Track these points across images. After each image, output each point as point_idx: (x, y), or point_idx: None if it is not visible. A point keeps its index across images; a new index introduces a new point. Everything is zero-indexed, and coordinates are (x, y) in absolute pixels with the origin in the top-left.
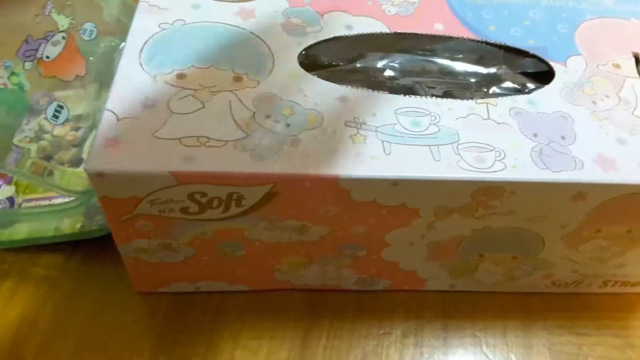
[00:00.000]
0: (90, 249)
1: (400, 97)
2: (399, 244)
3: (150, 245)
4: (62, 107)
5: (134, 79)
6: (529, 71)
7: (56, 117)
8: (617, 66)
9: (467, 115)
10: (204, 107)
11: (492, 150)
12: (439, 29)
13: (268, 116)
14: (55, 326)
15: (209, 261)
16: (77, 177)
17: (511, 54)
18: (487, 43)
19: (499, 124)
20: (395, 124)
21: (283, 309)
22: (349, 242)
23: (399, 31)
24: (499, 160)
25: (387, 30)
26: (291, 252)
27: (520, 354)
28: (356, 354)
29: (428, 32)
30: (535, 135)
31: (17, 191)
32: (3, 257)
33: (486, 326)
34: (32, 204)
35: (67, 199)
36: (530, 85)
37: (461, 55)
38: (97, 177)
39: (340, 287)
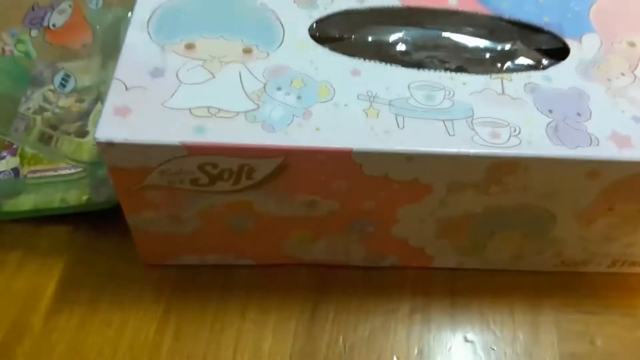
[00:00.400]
0: (96, 221)
1: (414, 70)
2: (408, 220)
3: (159, 217)
4: (68, 76)
5: (142, 49)
6: (544, 47)
7: (63, 85)
8: (632, 44)
9: (482, 90)
10: (213, 77)
11: (507, 126)
12: (452, 4)
13: (279, 88)
14: (62, 297)
15: (216, 234)
16: (84, 147)
17: (525, 30)
18: (501, 19)
19: (514, 99)
20: (409, 97)
21: (290, 283)
22: (358, 218)
23: (411, 5)
24: (514, 136)
25: (399, 5)
26: (300, 227)
27: (528, 332)
28: (364, 329)
29: (441, 7)
30: (550, 111)
31: (22, 162)
32: (9, 228)
33: (493, 304)
34: (37, 175)
35: (73, 170)
36: (545, 62)
37: (475, 31)
38: (107, 147)
39: (348, 263)
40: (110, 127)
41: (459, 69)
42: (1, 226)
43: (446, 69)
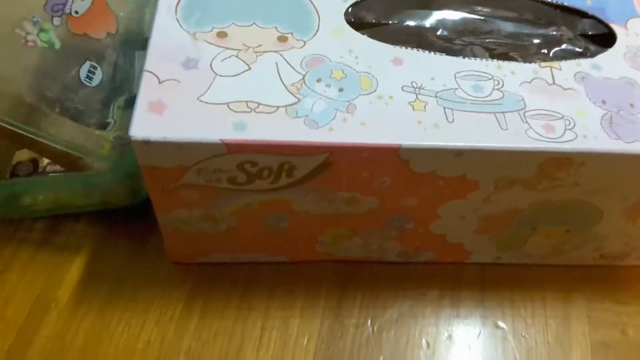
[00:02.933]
0: (117, 216)
1: (459, 59)
2: (449, 216)
3: (192, 216)
4: (95, 68)
5: (171, 37)
6: (589, 33)
7: (90, 78)
8: None
9: (532, 79)
10: (249, 69)
11: (561, 118)
12: None
13: (319, 80)
14: (81, 287)
15: (250, 233)
16: (105, 141)
17: (568, 15)
18: (543, 2)
19: (565, 89)
20: (457, 88)
21: (316, 278)
22: (398, 215)
23: None
24: (569, 130)
25: None
26: (336, 225)
27: (559, 320)
28: (392, 313)
29: None
30: (603, 102)
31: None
32: (29, 225)
33: (525, 291)
34: (57, 167)
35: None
36: (591, 48)
37: (516, 15)
38: (142, 145)
39: (382, 260)
40: (145, 124)
41: (504, 56)
42: (20, 221)
43: (491, 57)
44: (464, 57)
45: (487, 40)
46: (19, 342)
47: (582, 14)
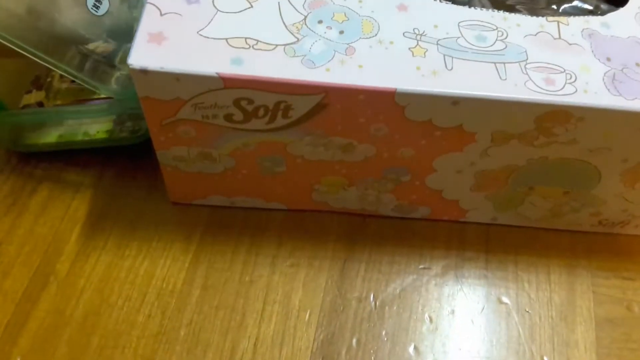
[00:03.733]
0: (123, 162)
1: (465, 8)
2: (446, 170)
3: (190, 154)
4: None
5: None
6: None
7: (97, 7)
8: None
9: (537, 33)
10: (251, 7)
11: (562, 72)
12: None
13: (320, 21)
14: (92, 233)
15: (247, 175)
16: (112, 78)
17: None
18: None
19: (570, 44)
20: (459, 37)
21: (321, 233)
22: (394, 166)
23: None
24: (569, 83)
25: None
26: (332, 172)
27: (564, 295)
28: (395, 287)
29: None
30: (608, 59)
31: (47, 96)
32: (38, 166)
33: (529, 265)
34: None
35: (97, 104)
36: (602, 7)
37: None
38: (140, 74)
39: (378, 213)
40: (144, 54)
41: (512, 9)
42: (30, 166)
43: (498, 9)
44: (469, 6)
45: None
46: (18, 316)
47: None
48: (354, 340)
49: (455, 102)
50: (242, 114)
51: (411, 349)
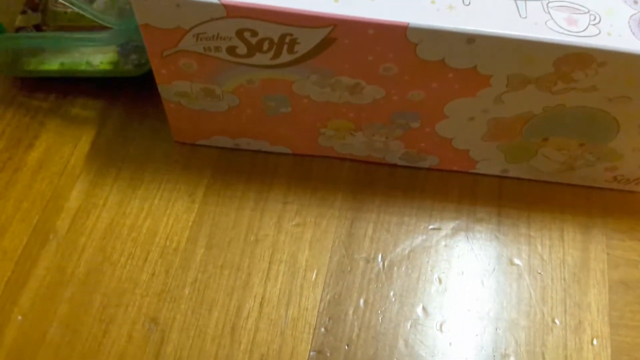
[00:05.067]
0: (130, 102)
1: None
2: (457, 117)
3: (193, 90)
4: None
5: None
6: None
7: None
8: None
9: None
10: None
11: (586, 13)
12: None
13: None
14: (92, 189)
15: (252, 115)
16: (114, 6)
17: None
18: None
19: None
20: None
21: (328, 189)
22: (403, 110)
23: None
24: (593, 25)
25: None
26: (339, 115)
27: (577, 257)
28: (404, 247)
29: None
30: (635, 2)
31: (44, 20)
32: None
33: (542, 226)
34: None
35: (99, 33)
36: None
37: None
38: (140, 0)
39: (385, 161)
40: None
41: None
42: (37, 101)
43: None
44: None
45: None
46: (18, 274)
47: None
48: (362, 301)
49: (471, 39)
50: (246, 47)
51: (419, 310)
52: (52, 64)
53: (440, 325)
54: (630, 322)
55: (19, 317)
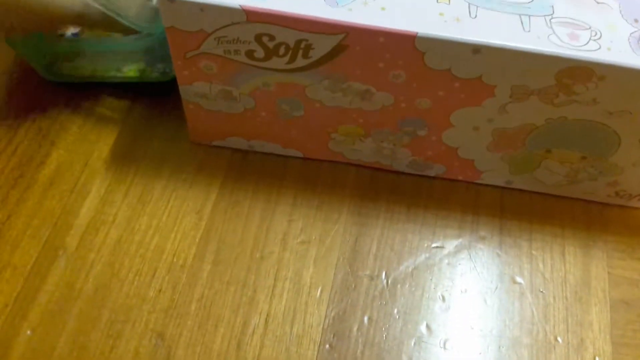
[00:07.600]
0: (150, 105)
1: None
2: (463, 126)
3: (212, 91)
4: None
5: None
6: None
7: None
8: None
9: None
10: None
11: (587, 29)
12: None
13: None
14: (102, 206)
15: (266, 118)
16: (145, 11)
17: None
18: None
19: (598, 3)
20: None
21: (330, 221)
22: (411, 117)
23: None
24: (593, 40)
25: None
26: (350, 120)
27: (579, 276)
28: (407, 265)
29: None
30: (636, 20)
31: (82, 30)
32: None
33: (544, 244)
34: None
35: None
36: None
37: None
38: (167, 2)
39: (392, 168)
40: None
41: None
42: (48, 120)
43: None
44: None
45: None
46: (27, 290)
47: None
48: (366, 318)
49: (476, 50)
50: (264, 50)
51: (423, 327)
52: (85, 70)
53: (444, 343)
54: (632, 340)
55: (28, 332)
